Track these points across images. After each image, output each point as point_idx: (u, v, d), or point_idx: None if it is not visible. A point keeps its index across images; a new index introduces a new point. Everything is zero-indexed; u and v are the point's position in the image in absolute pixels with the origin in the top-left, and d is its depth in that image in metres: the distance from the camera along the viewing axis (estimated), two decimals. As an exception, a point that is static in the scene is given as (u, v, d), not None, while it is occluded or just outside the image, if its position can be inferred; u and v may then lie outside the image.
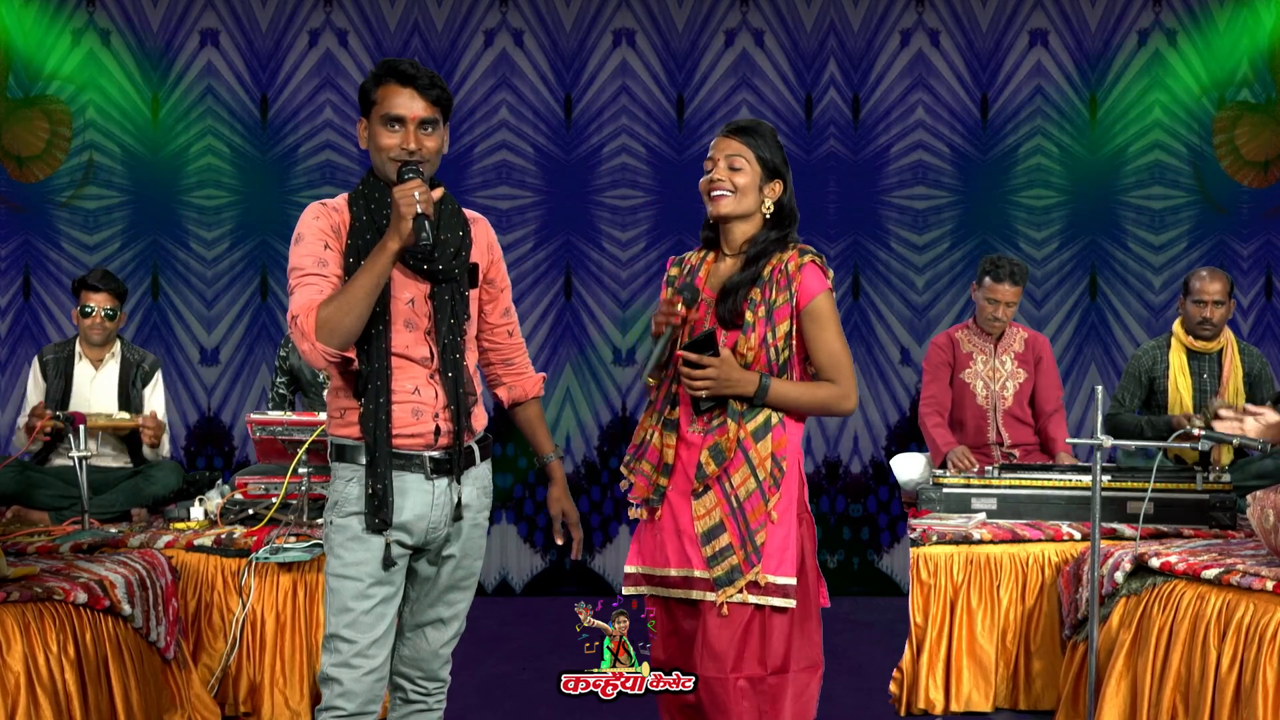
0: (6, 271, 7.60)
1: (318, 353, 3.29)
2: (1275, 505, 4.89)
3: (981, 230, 7.59)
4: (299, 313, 3.30)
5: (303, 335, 3.29)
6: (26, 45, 7.50)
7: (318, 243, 3.41)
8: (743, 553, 3.51)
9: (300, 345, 3.31)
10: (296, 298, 3.35)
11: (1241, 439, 5.53)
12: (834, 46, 7.60)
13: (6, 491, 5.78)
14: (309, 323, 3.28)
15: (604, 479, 7.62)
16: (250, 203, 7.62)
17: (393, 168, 3.41)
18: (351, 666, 3.45)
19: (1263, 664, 4.65)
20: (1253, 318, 7.62)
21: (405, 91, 3.40)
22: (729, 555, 3.51)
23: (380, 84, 3.42)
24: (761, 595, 3.51)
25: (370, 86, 3.44)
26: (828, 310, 3.58)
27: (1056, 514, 5.73)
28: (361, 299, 3.29)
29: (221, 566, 5.43)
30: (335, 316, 3.27)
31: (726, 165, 3.59)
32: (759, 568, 3.50)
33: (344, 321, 3.28)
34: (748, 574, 3.50)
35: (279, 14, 7.57)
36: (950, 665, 5.52)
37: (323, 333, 3.27)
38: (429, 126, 3.43)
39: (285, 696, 5.38)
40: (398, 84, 3.40)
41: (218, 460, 7.65)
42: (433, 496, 3.49)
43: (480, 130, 7.59)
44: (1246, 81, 7.56)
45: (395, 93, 3.40)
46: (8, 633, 4.52)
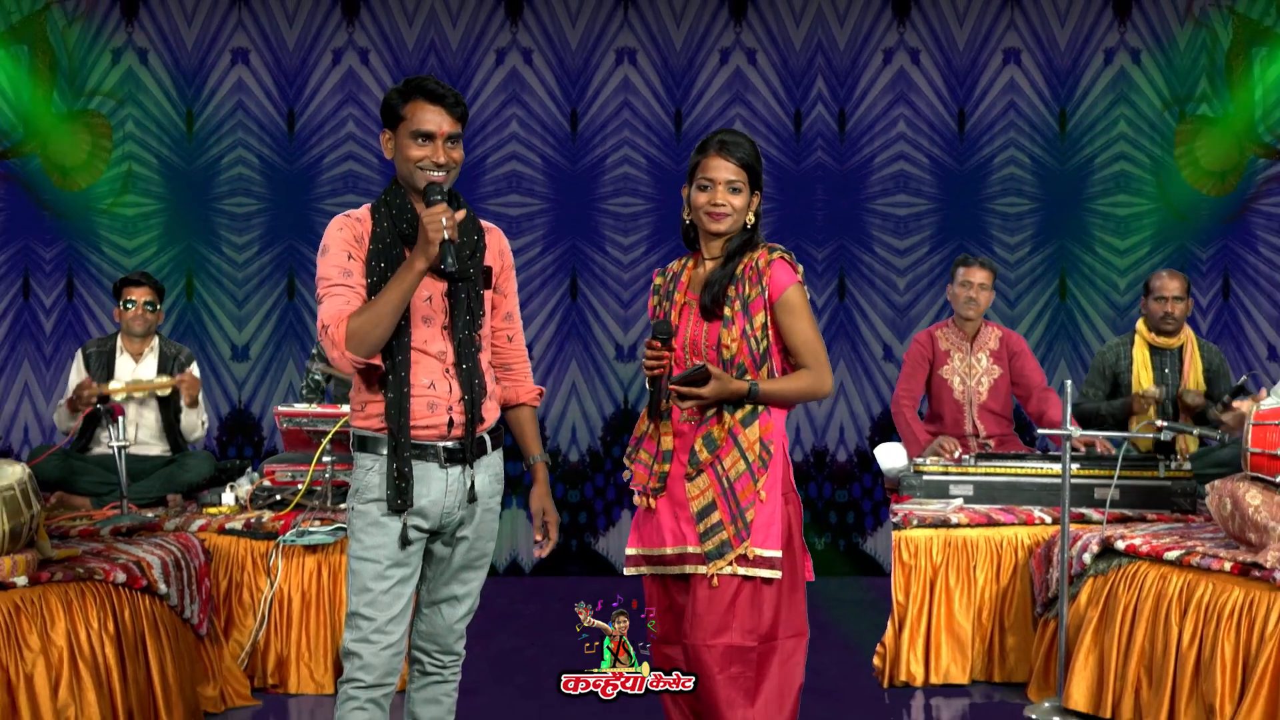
0: (52, 273, 7.59)
1: (347, 360, 3.34)
2: (1232, 493, 4.87)
3: (958, 235, 7.57)
4: (329, 323, 3.34)
5: (333, 344, 3.33)
6: (70, 63, 7.49)
7: (342, 254, 3.43)
8: (733, 528, 3.53)
9: (330, 353, 3.36)
10: (325, 307, 3.38)
11: (1201, 431, 5.53)
12: (821, 64, 7.58)
13: (50, 478, 5.77)
14: (339, 333, 3.32)
15: (607, 466, 7.61)
16: (278, 210, 7.61)
17: (421, 177, 3.42)
18: (371, 642, 3.46)
19: (1221, 639, 4.64)
20: (1211, 316, 7.61)
21: (434, 109, 3.42)
22: (720, 531, 3.54)
23: (408, 100, 3.43)
24: (750, 568, 3.52)
25: (398, 102, 3.45)
26: (799, 300, 3.61)
27: (1029, 499, 5.73)
28: (389, 313, 3.33)
29: (251, 548, 5.43)
30: (364, 328, 3.31)
31: (727, 189, 3.60)
32: (748, 542, 3.52)
33: (373, 333, 3.32)
34: (737, 548, 3.52)
35: (304, 34, 7.56)
36: (930, 640, 5.51)
37: (352, 342, 3.32)
38: (454, 140, 3.46)
39: (310, 670, 5.38)
40: (426, 101, 3.42)
41: (247, 450, 7.65)
42: (446, 484, 3.50)
43: (492, 142, 7.58)
44: (1205, 97, 7.55)
45: (424, 109, 3.42)
46: (52, 610, 4.52)
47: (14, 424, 7.57)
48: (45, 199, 7.56)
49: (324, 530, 5.35)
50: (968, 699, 5.37)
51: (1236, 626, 4.64)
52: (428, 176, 3.42)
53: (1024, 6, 7.57)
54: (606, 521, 7.62)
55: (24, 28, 7.45)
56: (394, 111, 3.46)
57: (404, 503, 3.43)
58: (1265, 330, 7.60)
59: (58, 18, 7.48)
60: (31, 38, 7.45)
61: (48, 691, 4.43)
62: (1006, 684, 5.48)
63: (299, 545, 5.37)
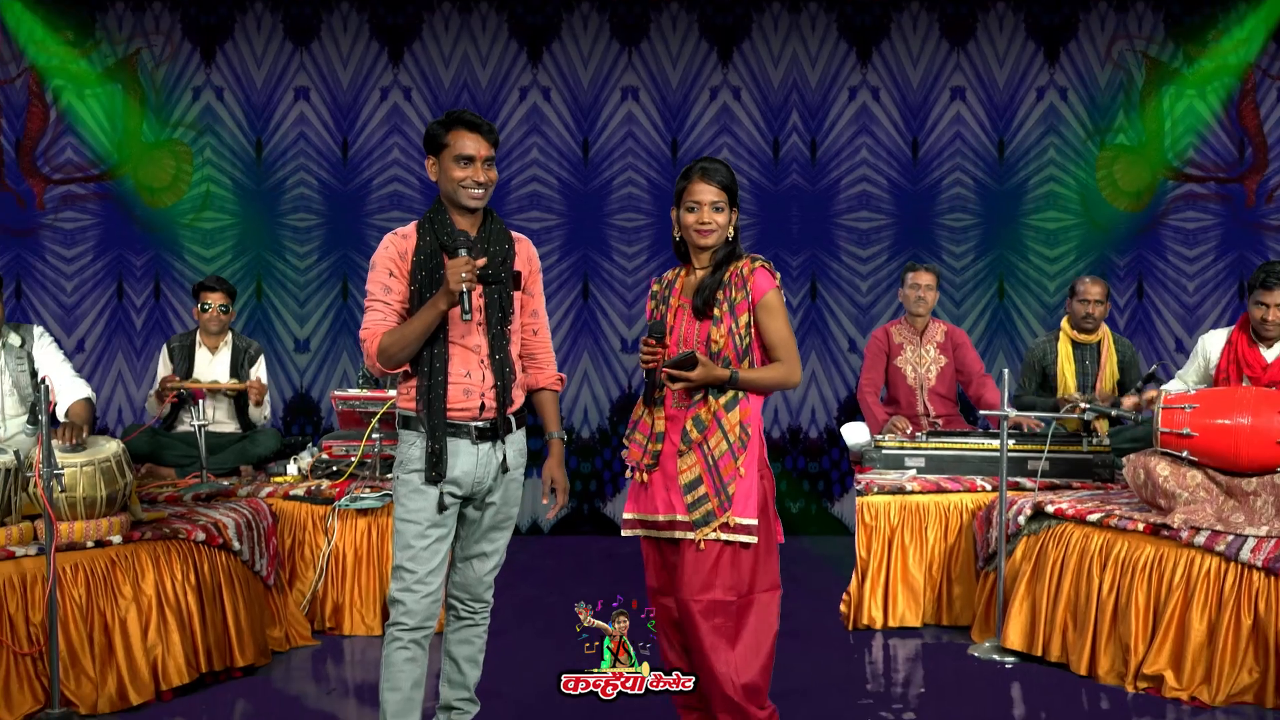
0: (142, 278, 7.58)
1: (376, 369, 3.45)
2: (1145, 465, 4.88)
3: (912, 246, 7.56)
4: (366, 337, 3.45)
5: (367, 355, 3.44)
6: (157, 99, 7.48)
7: (385, 271, 3.48)
8: (717, 500, 3.52)
9: (366, 360, 3.47)
10: (366, 319, 3.47)
11: (1119, 412, 5.53)
12: (796, 100, 7.56)
13: (141, 452, 5.77)
14: (372, 346, 3.42)
15: (614, 442, 7.60)
16: (334, 224, 7.59)
17: (464, 195, 3.47)
18: (413, 591, 3.47)
19: (1134, 589, 4.65)
20: (1128, 314, 7.59)
21: (473, 136, 3.46)
22: (706, 503, 3.53)
23: (450, 129, 3.47)
24: (731, 534, 3.52)
25: (441, 132, 3.47)
26: (776, 303, 3.61)
27: (971, 470, 5.72)
28: (413, 340, 3.40)
29: (311, 512, 5.44)
30: (392, 348, 3.40)
31: (711, 209, 3.61)
32: (730, 512, 3.51)
33: (399, 354, 3.42)
34: (720, 517, 3.51)
35: (356, 74, 7.54)
36: (888, 590, 5.51)
37: (382, 357, 3.42)
38: (489, 162, 3.49)
39: (361, 615, 5.39)
40: (467, 130, 3.46)
41: (308, 428, 7.64)
42: (477, 457, 3.51)
43: (516, 166, 7.56)
44: (1122, 128, 7.53)
45: (465, 136, 3.45)
46: (142, 564, 4.52)
47: (109, 406, 7.57)
48: (136, 215, 7.54)
49: (373, 496, 5.35)
50: (920, 639, 5.37)
51: (1148, 578, 4.64)
52: (469, 194, 3.46)
53: (968, 51, 7.55)
54: (613, 489, 7.61)
55: (119, 69, 7.43)
56: (437, 140, 3.48)
57: (438, 475, 3.44)
58: (1173, 326, 7.59)
59: (147, 61, 7.46)
60: (125, 78, 7.44)
61: (139, 633, 4.45)
62: (953, 627, 5.48)
63: (352, 509, 5.37)
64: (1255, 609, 4.41)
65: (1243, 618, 4.43)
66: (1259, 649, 4.41)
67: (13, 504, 4.38)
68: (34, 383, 4.88)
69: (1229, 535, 4.52)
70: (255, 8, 7.50)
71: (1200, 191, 7.55)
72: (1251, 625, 4.42)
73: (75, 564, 4.34)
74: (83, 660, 4.30)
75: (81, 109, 7.45)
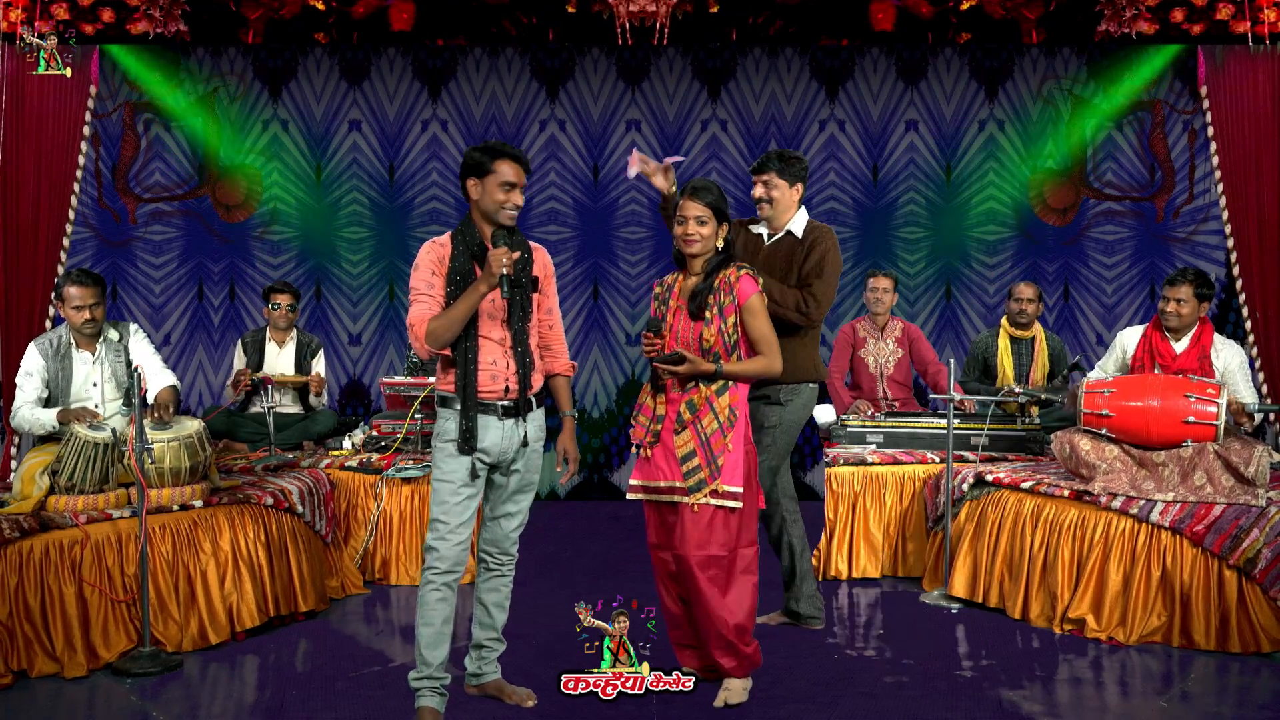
0: (219, 282, 7.57)
1: (425, 351, 3.41)
2: (1070, 440, 4.88)
3: (873, 255, 7.54)
4: (414, 322, 3.42)
5: (416, 339, 3.41)
6: (232, 129, 7.47)
7: (428, 270, 3.48)
8: (708, 470, 3.56)
9: (414, 344, 3.43)
10: (413, 310, 3.45)
11: (1046, 395, 5.52)
12: (774, 131, 7.54)
13: (218, 430, 5.78)
14: (421, 330, 3.40)
15: (620, 421, 7.60)
16: (382, 236, 7.58)
17: (503, 214, 3.48)
18: (445, 539, 3.49)
19: (1061, 546, 4.65)
20: (1056, 313, 7.57)
21: (515, 166, 3.49)
22: (698, 472, 3.57)
23: (496, 159, 3.47)
24: (720, 499, 3.56)
25: (486, 160, 3.48)
26: (758, 306, 3.66)
27: (923, 445, 5.72)
28: (458, 321, 3.39)
29: (363, 480, 5.44)
30: (439, 331, 3.39)
31: (696, 222, 3.65)
32: (719, 480, 3.55)
33: (445, 335, 3.40)
34: (711, 485, 3.55)
35: (401, 109, 7.53)
36: (852, 546, 5.52)
37: (430, 339, 3.40)
38: (523, 188, 3.52)
39: (406, 568, 5.39)
40: (511, 161, 3.48)
41: (360, 409, 7.64)
42: (503, 431, 3.53)
43: (536, 187, 7.54)
44: (1051, 154, 7.51)
45: (509, 165, 3.48)
46: (220, 525, 4.53)
47: (191, 391, 7.57)
48: (215, 228, 7.54)
49: (416, 468, 5.36)
50: (879, 588, 5.37)
51: (1073, 537, 4.64)
52: (508, 213, 3.49)
53: (920, 90, 7.53)
54: (619, 461, 7.60)
55: (200, 104, 7.42)
56: (483, 166, 3.48)
57: (470, 446, 3.46)
58: (1095, 324, 7.58)
59: (224, 96, 7.45)
60: (205, 112, 7.43)
61: (217, 583, 4.46)
62: (908, 578, 5.48)
63: (398, 478, 5.37)
64: (1164, 562, 4.42)
65: (1153, 570, 4.43)
66: (1166, 596, 4.42)
67: (110, 474, 4.39)
68: (129, 371, 4.89)
69: (1141, 500, 4.53)
70: (315, 52, 7.48)
71: (1117, 209, 7.53)
72: (1160, 576, 4.43)
73: (163, 525, 4.35)
74: (169, 606, 4.31)
75: (168, 138, 7.44)
